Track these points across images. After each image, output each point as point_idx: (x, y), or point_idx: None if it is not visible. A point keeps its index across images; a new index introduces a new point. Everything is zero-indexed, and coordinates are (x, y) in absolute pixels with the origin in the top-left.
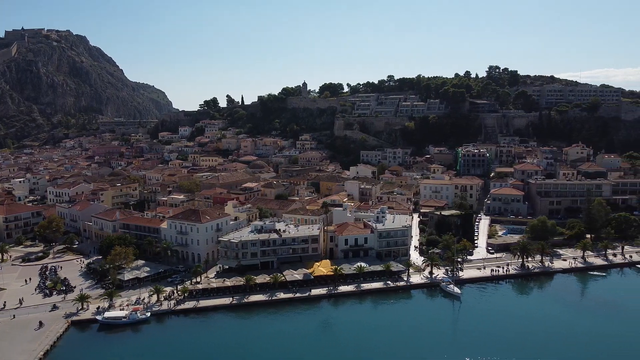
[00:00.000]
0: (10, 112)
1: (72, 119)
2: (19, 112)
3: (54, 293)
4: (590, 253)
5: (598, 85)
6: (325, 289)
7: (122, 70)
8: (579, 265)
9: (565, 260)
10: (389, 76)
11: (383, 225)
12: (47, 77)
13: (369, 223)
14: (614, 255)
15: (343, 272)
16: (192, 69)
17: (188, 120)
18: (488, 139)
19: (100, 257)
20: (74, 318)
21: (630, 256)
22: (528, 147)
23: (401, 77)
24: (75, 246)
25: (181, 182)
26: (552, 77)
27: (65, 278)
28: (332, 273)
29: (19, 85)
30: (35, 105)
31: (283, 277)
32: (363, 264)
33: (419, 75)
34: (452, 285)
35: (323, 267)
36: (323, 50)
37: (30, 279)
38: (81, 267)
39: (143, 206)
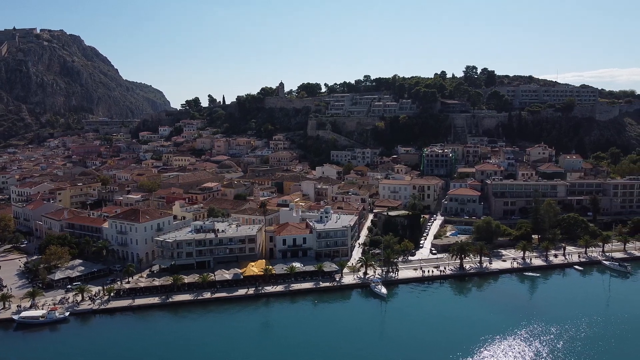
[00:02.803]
0: None
1: (61, 119)
2: (7, 111)
3: None
4: (533, 254)
5: (578, 85)
6: (253, 288)
7: (117, 69)
8: (517, 266)
9: (505, 261)
10: (365, 76)
11: (324, 225)
12: (37, 77)
13: (310, 223)
14: (555, 256)
15: (273, 272)
16: (189, 69)
17: (169, 120)
18: (457, 139)
19: (40, 256)
20: None
21: (578, 256)
22: (495, 147)
23: (377, 77)
24: (23, 245)
25: (141, 181)
26: (530, 77)
27: None
28: (262, 273)
29: (8, 84)
30: (24, 105)
31: (212, 277)
32: (297, 264)
33: (394, 75)
34: (380, 286)
35: (256, 267)
36: (305, 50)
37: None
38: (19, 266)
39: (100, 205)
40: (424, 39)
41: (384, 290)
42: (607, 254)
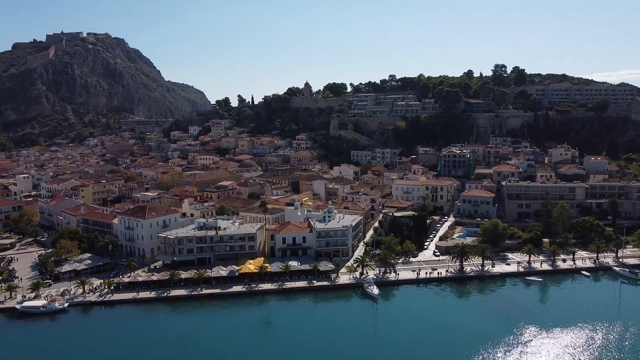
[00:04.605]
0: (45, 111)
1: (102, 119)
2: (53, 111)
3: None
4: (540, 258)
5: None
6: (247, 286)
7: (159, 71)
8: (521, 270)
9: (509, 264)
10: (390, 76)
11: (325, 224)
12: (82, 78)
13: (312, 222)
14: (564, 261)
15: (269, 269)
16: (227, 70)
17: (199, 120)
18: (480, 140)
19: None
20: None
21: (594, 262)
22: (518, 148)
23: (403, 76)
24: (43, 239)
25: (160, 179)
26: (563, 75)
27: (13, 268)
28: (257, 271)
29: (55, 86)
30: (69, 105)
31: (209, 273)
32: (293, 263)
33: (420, 75)
34: (372, 287)
35: (253, 265)
36: (332, 50)
37: None
38: (35, 258)
39: (120, 202)
40: (454, 38)
41: (376, 291)
42: (621, 259)
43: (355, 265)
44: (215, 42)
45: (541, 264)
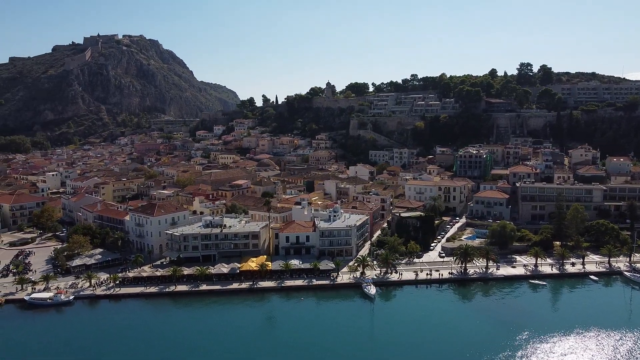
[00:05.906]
0: (81, 111)
1: (135, 118)
2: (88, 111)
3: (10, 274)
4: (548, 261)
5: None
6: (246, 283)
7: (191, 72)
8: (527, 273)
9: (514, 267)
10: (412, 75)
11: (329, 224)
12: (116, 79)
13: (317, 222)
14: (573, 264)
15: (269, 268)
16: (258, 70)
17: (224, 120)
18: (500, 140)
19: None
20: (9, 297)
21: (606, 266)
22: (538, 148)
23: (425, 75)
24: (62, 234)
25: (177, 177)
26: (593, 74)
27: (29, 262)
28: (257, 268)
29: (90, 86)
30: (103, 105)
31: (210, 270)
32: (295, 262)
33: (442, 74)
34: (370, 287)
35: (255, 263)
36: (356, 51)
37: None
38: (51, 253)
39: (138, 199)
40: (480, 37)
41: (372, 291)
42: (634, 264)
43: (356, 265)
44: (245, 43)
45: (552, 267)
